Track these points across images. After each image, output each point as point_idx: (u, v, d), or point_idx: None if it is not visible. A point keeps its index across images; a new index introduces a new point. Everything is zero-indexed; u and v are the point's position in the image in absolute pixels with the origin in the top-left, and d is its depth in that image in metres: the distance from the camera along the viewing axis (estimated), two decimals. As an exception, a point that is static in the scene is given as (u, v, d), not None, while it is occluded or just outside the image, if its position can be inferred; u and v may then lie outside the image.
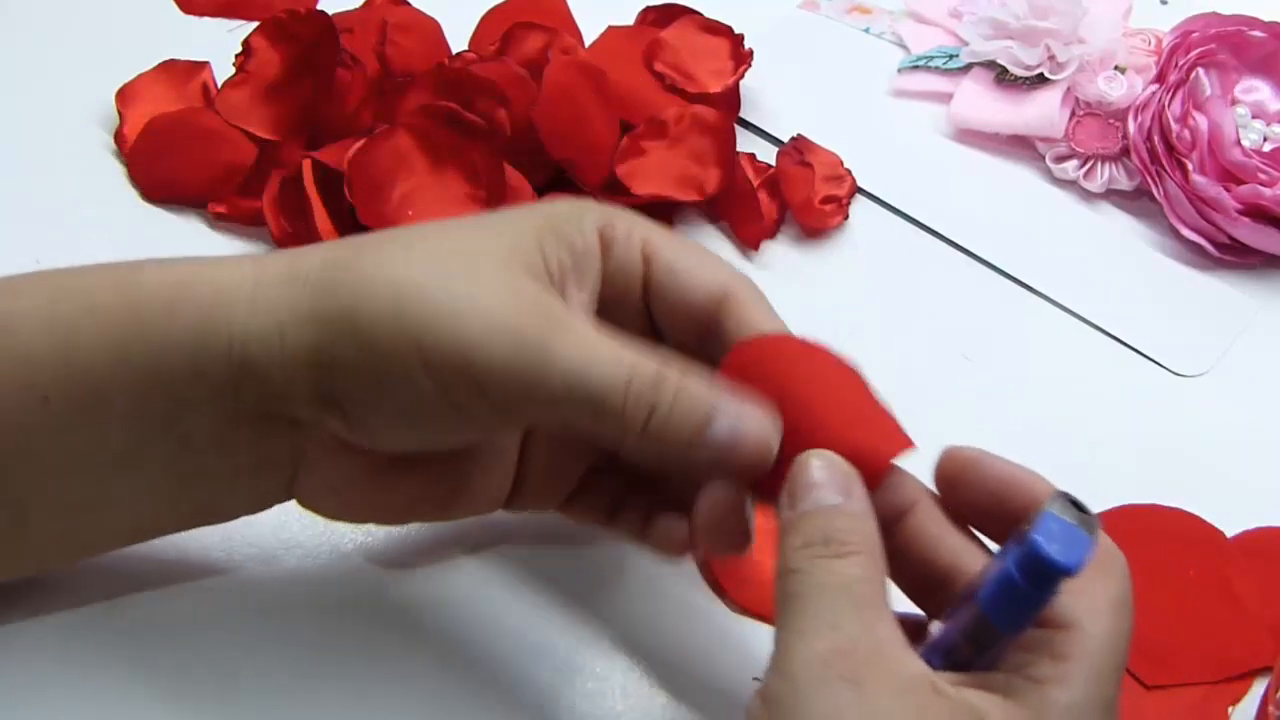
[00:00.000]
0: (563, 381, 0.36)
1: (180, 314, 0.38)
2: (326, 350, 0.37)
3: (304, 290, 0.38)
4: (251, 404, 0.38)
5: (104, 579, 0.45)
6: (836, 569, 0.34)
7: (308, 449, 0.40)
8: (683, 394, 0.37)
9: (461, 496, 0.42)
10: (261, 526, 0.47)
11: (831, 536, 0.34)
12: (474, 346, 0.36)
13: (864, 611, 0.33)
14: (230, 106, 0.59)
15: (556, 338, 0.36)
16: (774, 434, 0.37)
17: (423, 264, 0.37)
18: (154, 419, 0.38)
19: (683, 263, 0.40)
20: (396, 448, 0.39)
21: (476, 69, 0.58)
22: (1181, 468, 0.53)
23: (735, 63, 0.62)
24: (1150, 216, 0.61)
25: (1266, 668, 0.47)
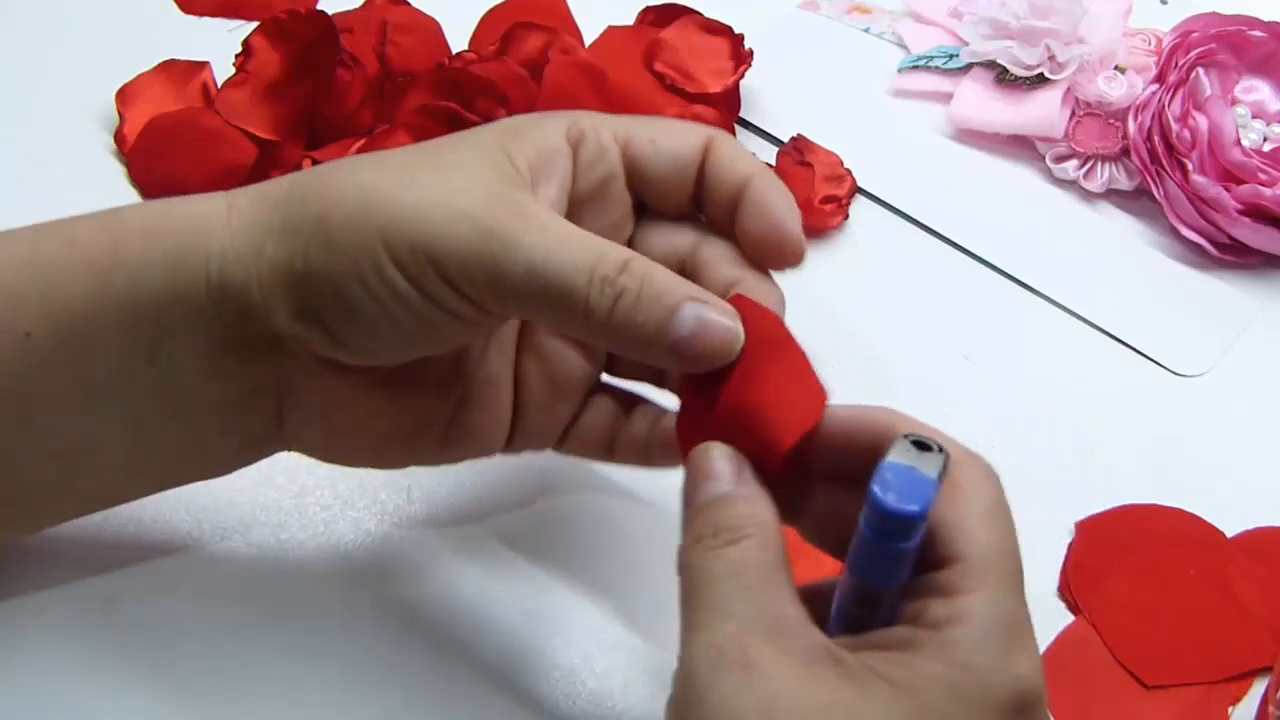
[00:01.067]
0: (526, 265, 0.36)
1: (158, 241, 0.38)
2: (300, 259, 0.37)
3: (276, 207, 0.38)
4: (233, 326, 0.38)
5: (104, 579, 0.45)
6: (727, 557, 0.33)
7: (292, 373, 0.40)
8: (651, 281, 0.36)
9: (458, 432, 0.42)
10: (262, 527, 0.47)
11: (721, 526, 0.34)
12: (437, 236, 0.36)
13: (757, 594, 0.33)
14: (230, 106, 0.59)
15: (520, 224, 0.36)
16: (738, 330, 0.37)
17: (389, 170, 0.38)
18: (137, 350, 0.39)
19: (663, 131, 0.40)
20: (377, 358, 0.39)
21: (476, 69, 0.58)
22: (1181, 468, 0.53)
23: (735, 63, 0.62)
24: (1150, 216, 0.61)
25: (1266, 668, 0.47)
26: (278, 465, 0.49)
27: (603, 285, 0.36)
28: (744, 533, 0.34)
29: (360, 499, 0.49)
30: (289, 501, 0.48)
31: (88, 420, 0.39)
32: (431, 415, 0.42)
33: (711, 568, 0.33)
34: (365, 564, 0.47)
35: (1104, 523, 0.51)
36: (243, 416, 0.40)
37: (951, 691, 0.32)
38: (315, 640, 0.45)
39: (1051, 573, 0.49)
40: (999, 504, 0.34)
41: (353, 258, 0.37)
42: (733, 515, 0.34)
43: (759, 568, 0.33)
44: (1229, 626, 0.48)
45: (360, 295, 0.37)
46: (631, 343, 0.37)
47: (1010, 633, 0.33)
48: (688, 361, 0.37)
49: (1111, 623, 0.48)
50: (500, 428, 0.43)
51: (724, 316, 0.37)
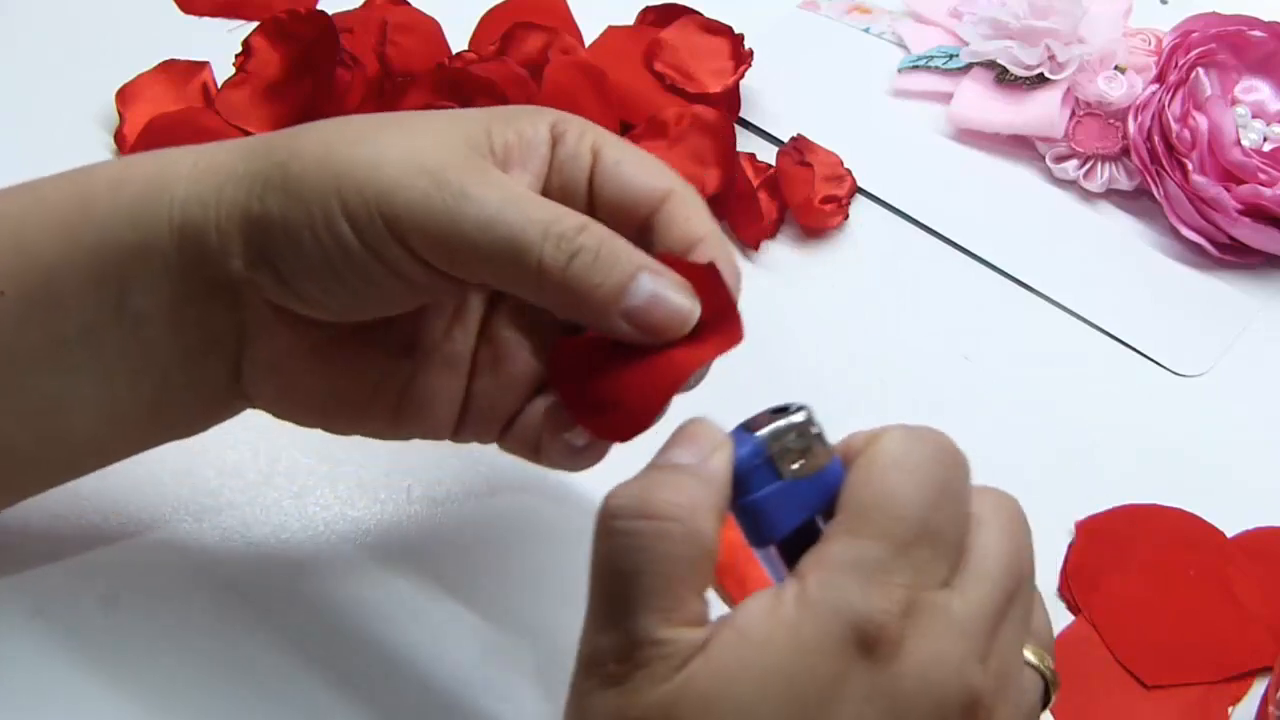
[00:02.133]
0: (479, 216, 0.36)
1: (124, 189, 0.39)
2: (257, 203, 0.37)
3: (241, 154, 0.38)
4: (192, 271, 0.38)
5: (104, 579, 0.45)
6: (643, 543, 0.32)
7: (249, 322, 0.39)
8: (609, 244, 0.36)
9: (409, 409, 0.41)
10: (262, 527, 0.47)
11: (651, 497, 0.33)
12: (390, 188, 0.36)
13: (659, 596, 0.32)
14: (230, 106, 0.59)
15: (476, 181, 0.36)
16: (694, 308, 0.36)
17: (357, 127, 0.38)
18: (105, 302, 0.39)
19: (630, 161, 0.40)
20: (326, 311, 0.39)
21: (476, 69, 0.58)
22: (1181, 468, 0.53)
23: (735, 63, 0.62)
24: (1150, 216, 0.61)
25: (1266, 668, 0.47)
26: (278, 466, 0.49)
27: (559, 240, 0.36)
28: (671, 514, 0.32)
29: (360, 499, 0.49)
30: (289, 502, 0.48)
31: (60, 379, 0.39)
32: (383, 385, 0.41)
33: (625, 550, 0.32)
34: (365, 564, 0.47)
35: (1104, 523, 0.51)
36: (204, 368, 0.40)
37: (794, 635, 0.31)
38: (315, 640, 0.45)
39: (1051, 573, 0.49)
40: (907, 460, 0.33)
41: (306, 206, 0.37)
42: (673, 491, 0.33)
43: (667, 563, 0.32)
44: (1229, 626, 0.48)
45: (308, 242, 0.37)
46: (584, 303, 0.36)
47: (864, 574, 0.31)
48: (642, 329, 0.36)
49: (1111, 623, 0.48)
50: (450, 412, 0.42)
51: (680, 293, 0.37)
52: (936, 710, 0.31)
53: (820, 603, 0.31)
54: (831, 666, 0.31)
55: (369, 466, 0.49)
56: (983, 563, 0.33)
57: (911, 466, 0.33)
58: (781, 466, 0.33)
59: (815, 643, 0.31)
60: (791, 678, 0.31)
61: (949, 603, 0.32)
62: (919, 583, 0.32)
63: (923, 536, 0.32)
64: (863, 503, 0.32)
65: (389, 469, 0.49)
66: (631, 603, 0.32)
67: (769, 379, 0.53)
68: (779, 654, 0.31)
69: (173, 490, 0.45)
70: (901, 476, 0.33)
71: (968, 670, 0.32)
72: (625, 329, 0.36)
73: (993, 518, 0.34)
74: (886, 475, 0.33)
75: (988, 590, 0.33)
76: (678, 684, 0.31)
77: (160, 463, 0.48)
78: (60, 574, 0.45)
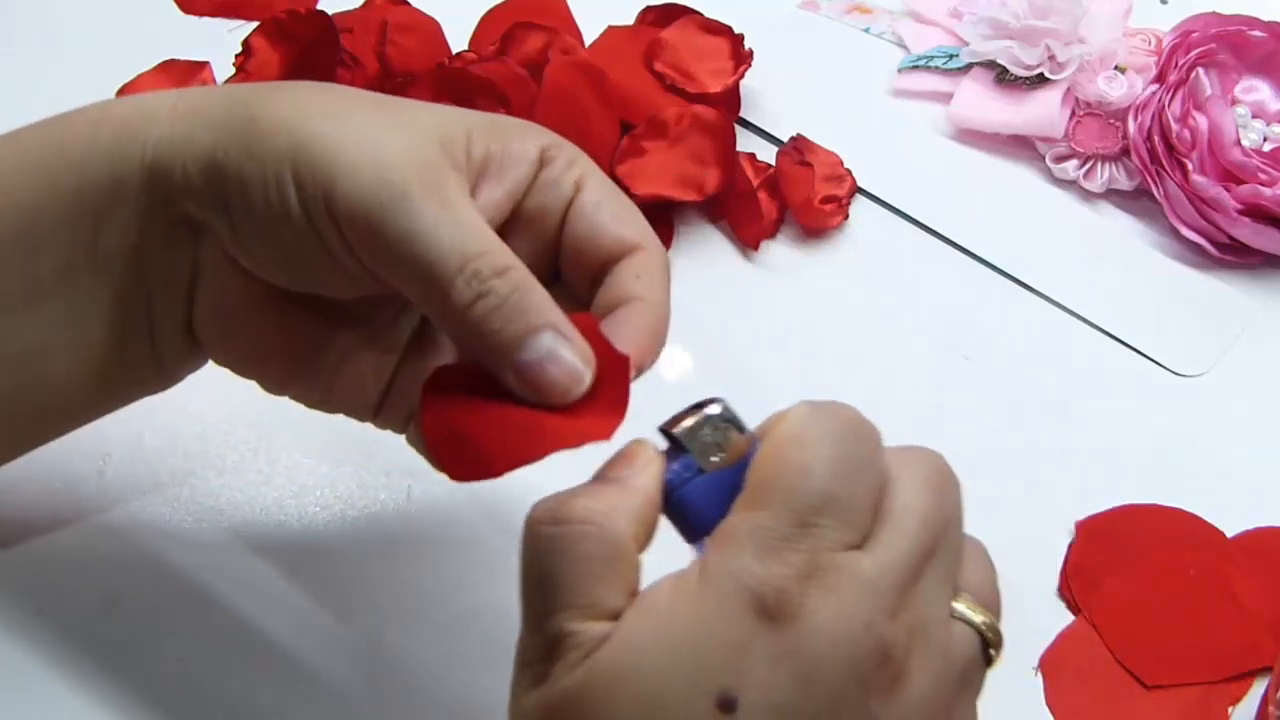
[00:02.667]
0: (406, 228, 0.35)
1: (101, 129, 0.39)
2: (221, 152, 0.38)
3: (219, 102, 0.39)
4: (158, 209, 0.39)
5: (104, 579, 0.45)
6: (561, 545, 0.33)
7: (203, 263, 0.40)
8: (522, 293, 0.36)
9: (342, 380, 0.41)
10: (262, 527, 0.47)
11: (574, 504, 0.34)
12: (337, 173, 0.36)
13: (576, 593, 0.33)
14: (230, 106, 0.59)
15: (423, 190, 0.36)
16: (585, 378, 0.36)
17: (335, 100, 0.38)
18: (80, 241, 0.39)
19: (609, 205, 0.39)
20: (268, 273, 0.39)
21: (476, 69, 0.58)
22: (1181, 468, 0.53)
23: (735, 63, 0.62)
24: (1150, 216, 0.61)
25: (1266, 668, 0.47)
26: (278, 465, 0.49)
27: (472, 278, 0.35)
28: (587, 519, 0.33)
29: (360, 499, 0.49)
30: (289, 501, 0.48)
31: (38, 321, 0.40)
32: (321, 350, 0.41)
33: (548, 549, 0.33)
34: (365, 563, 0.47)
35: (1104, 523, 0.51)
36: (163, 306, 0.40)
37: (697, 607, 0.32)
38: (315, 639, 0.45)
39: (1051, 573, 0.49)
40: (807, 433, 0.33)
41: (261, 163, 0.37)
42: (596, 498, 0.34)
43: (586, 562, 0.33)
44: (1229, 626, 0.48)
45: (258, 199, 0.37)
46: (479, 345, 0.36)
47: (761, 543, 0.32)
48: (526, 387, 0.36)
49: (1111, 623, 0.48)
50: (376, 393, 0.42)
51: (579, 360, 0.36)
52: (848, 666, 0.31)
53: (719, 574, 0.32)
54: (734, 633, 0.31)
55: (369, 466, 0.49)
56: (898, 521, 0.33)
57: (812, 439, 0.33)
58: (701, 461, 0.34)
59: (717, 611, 0.31)
60: (696, 647, 0.31)
61: (858, 563, 0.32)
62: (820, 548, 0.32)
63: (823, 505, 0.32)
64: (763, 478, 0.33)
65: (389, 469, 0.49)
66: (550, 603, 0.33)
67: (769, 378, 0.54)
68: (682, 626, 0.32)
69: (173, 490, 0.45)
70: (800, 450, 0.33)
71: (877, 624, 0.32)
72: (511, 381, 0.36)
73: (909, 476, 0.34)
74: (785, 450, 0.33)
75: (902, 547, 0.33)
76: (587, 667, 0.32)
77: (161, 463, 0.48)
78: (61, 574, 0.45)
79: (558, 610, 0.32)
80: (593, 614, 0.32)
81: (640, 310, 0.38)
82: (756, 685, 0.31)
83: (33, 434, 0.43)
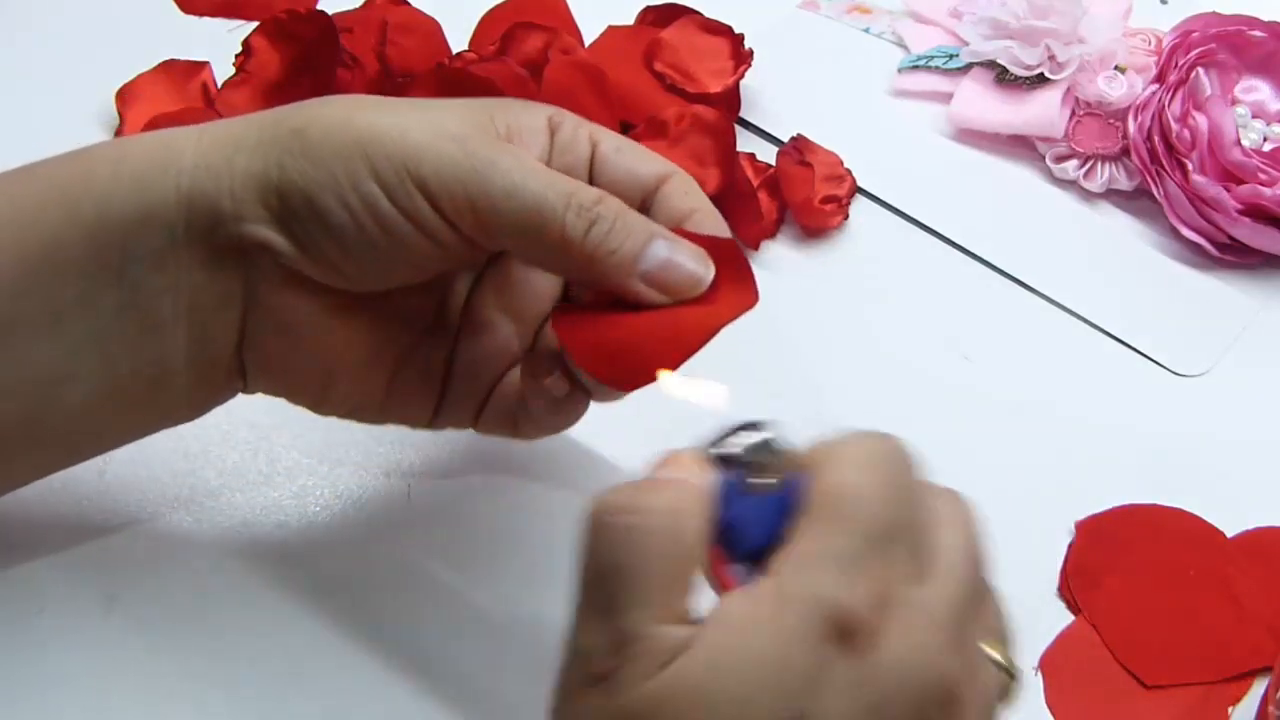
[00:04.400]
0: (506, 183, 0.37)
1: (126, 164, 0.39)
2: (275, 169, 0.38)
3: (251, 125, 0.39)
4: (202, 237, 0.39)
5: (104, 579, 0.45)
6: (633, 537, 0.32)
7: (257, 286, 0.40)
8: (624, 213, 0.38)
9: (403, 383, 0.42)
10: (262, 527, 0.47)
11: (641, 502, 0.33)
12: (421, 149, 0.37)
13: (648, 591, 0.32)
14: (230, 106, 0.59)
15: (501, 151, 0.38)
16: (707, 270, 0.39)
17: (374, 101, 0.40)
18: (105, 270, 0.39)
19: (629, 149, 0.42)
20: (344, 277, 0.39)
21: (476, 69, 0.58)
22: (1181, 468, 0.53)
23: (735, 63, 0.62)
24: (1150, 216, 0.61)
25: (1266, 668, 0.47)
26: (278, 465, 0.49)
27: (579, 210, 0.38)
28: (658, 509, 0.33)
29: (360, 498, 0.49)
30: (289, 501, 0.48)
31: (56, 346, 0.39)
32: (380, 355, 0.42)
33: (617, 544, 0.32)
34: (365, 563, 0.47)
35: (1104, 523, 0.51)
36: (206, 334, 0.40)
37: (775, 628, 0.31)
38: (315, 639, 0.45)
39: (1051, 573, 0.49)
40: (871, 459, 0.33)
41: (330, 170, 0.37)
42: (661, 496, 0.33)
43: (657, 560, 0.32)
44: (1229, 626, 0.48)
45: (335, 207, 0.38)
46: (602, 269, 0.38)
47: (838, 566, 0.32)
48: (659, 290, 0.38)
49: (1111, 623, 0.48)
50: (433, 391, 0.43)
51: (693, 257, 0.38)
52: (916, 701, 0.31)
53: (797, 595, 0.31)
54: (812, 659, 0.31)
55: (369, 467, 0.49)
56: (948, 558, 0.33)
57: (876, 465, 0.33)
58: (752, 482, 0.34)
59: (796, 634, 0.31)
60: (776, 670, 0.31)
61: (923, 597, 0.32)
62: (890, 575, 0.32)
63: (892, 531, 0.32)
64: (832, 499, 0.33)
65: (389, 468, 0.49)
66: (621, 598, 0.32)
67: (768, 379, 0.53)
68: (762, 647, 0.31)
69: (173, 490, 0.45)
70: (868, 474, 0.33)
71: (943, 662, 0.32)
72: (643, 290, 0.38)
73: (952, 517, 0.34)
74: (854, 473, 0.33)
75: (955, 585, 0.33)
76: (666, 679, 0.31)
77: (161, 463, 0.48)
78: (61, 573, 0.45)
79: (630, 608, 0.32)
80: (666, 616, 0.32)
81: (702, 218, 0.41)
82: (829, 714, 0.31)
83: (53, 459, 0.43)
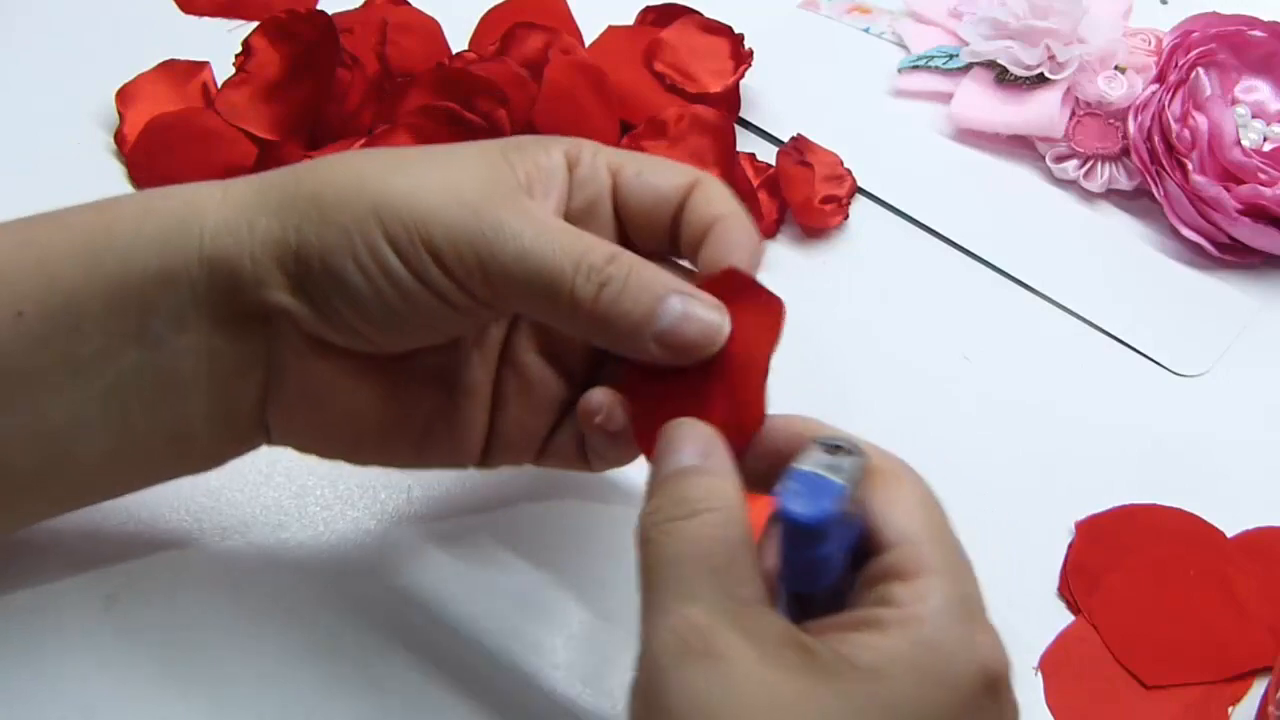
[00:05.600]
0: (515, 248, 0.37)
1: (150, 220, 0.39)
2: (293, 234, 0.38)
3: (271, 187, 0.39)
4: (223, 301, 0.39)
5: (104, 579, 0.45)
6: (689, 533, 0.33)
7: (281, 352, 0.40)
8: (637, 272, 0.38)
9: (434, 438, 0.42)
10: (261, 527, 0.47)
11: (684, 497, 0.34)
12: (431, 213, 0.37)
13: (720, 574, 0.32)
14: (230, 106, 0.59)
15: (512, 212, 0.38)
16: (723, 323, 0.38)
17: (384, 158, 0.40)
18: (125, 327, 0.39)
19: (651, 167, 0.41)
20: (362, 338, 0.39)
21: (476, 69, 0.58)
22: (1181, 468, 0.53)
23: (735, 63, 0.62)
24: (1150, 216, 0.61)
25: (1266, 668, 0.47)
26: (278, 465, 0.49)
27: (589, 272, 0.37)
28: (706, 505, 0.34)
29: (360, 499, 0.49)
30: (289, 501, 0.48)
31: (72, 399, 0.39)
32: (410, 413, 0.42)
33: (674, 545, 0.33)
34: (365, 563, 0.47)
35: (1104, 523, 0.51)
36: (229, 395, 0.40)
37: (919, 672, 0.31)
38: (315, 639, 0.45)
39: (1051, 573, 0.49)
40: (929, 496, 0.35)
41: (346, 232, 0.37)
42: (698, 488, 0.34)
43: (723, 545, 0.33)
44: (1229, 626, 0.48)
45: (351, 270, 0.38)
46: (616, 331, 0.37)
47: (969, 612, 0.33)
48: (673, 352, 0.37)
49: (1111, 623, 0.48)
50: (475, 439, 0.43)
51: (709, 310, 0.37)
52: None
53: (943, 644, 0.32)
54: (968, 712, 0.32)
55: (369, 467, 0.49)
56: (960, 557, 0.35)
57: (933, 500, 0.35)
58: (847, 503, 0.33)
59: (948, 682, 0.32)
60: None
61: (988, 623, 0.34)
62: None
63: (969, 568, 0.34)
64: (928, 536, 0.33)
65: (389, 469, 0.49)
66: (696, 584, 0.32)
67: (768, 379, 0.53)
68: (913, 695, 0.31)
69: (173, 490, 0.44)
70: (938, 511, 0.34)
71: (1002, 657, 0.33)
72: (657, 352, 0.37)
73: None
74: (929, 510, 0.34)
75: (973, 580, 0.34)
76: (796, 690, 0.31)
77: (160, 463, 0.48)
78: (61, 573, 0.45)
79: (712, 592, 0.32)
80: (746, 595, 0.32)
81: (730, 223, 0.40)
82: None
83: (66, 504, 0.43)
